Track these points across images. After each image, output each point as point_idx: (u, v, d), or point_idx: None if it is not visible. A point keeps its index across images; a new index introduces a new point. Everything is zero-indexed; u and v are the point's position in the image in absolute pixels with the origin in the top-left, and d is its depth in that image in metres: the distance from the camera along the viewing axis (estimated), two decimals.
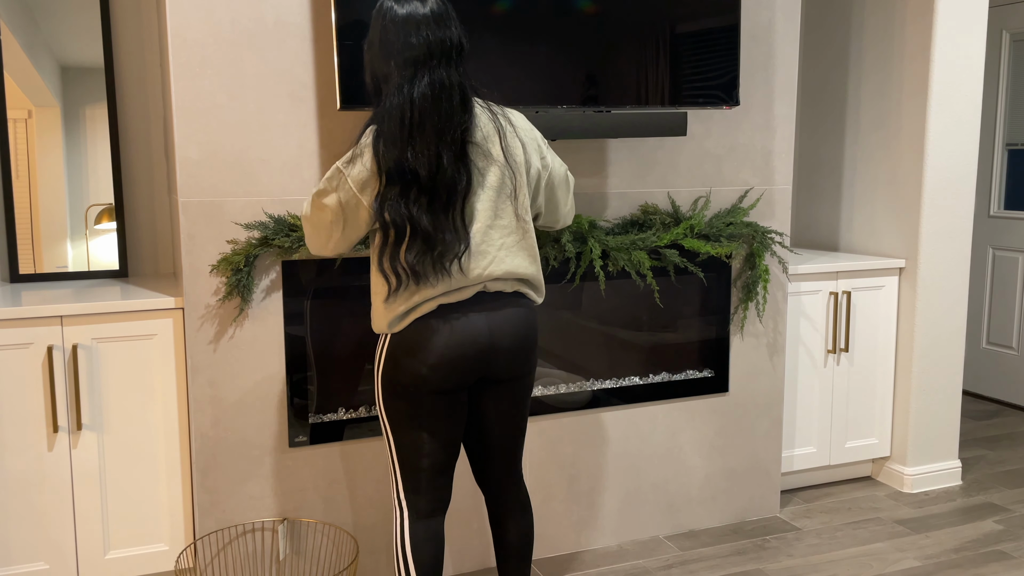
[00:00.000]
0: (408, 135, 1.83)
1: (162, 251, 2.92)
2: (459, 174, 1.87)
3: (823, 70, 3.66)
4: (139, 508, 2.45)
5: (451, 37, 1.88)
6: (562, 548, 2.88)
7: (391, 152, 1.83)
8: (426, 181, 1.84)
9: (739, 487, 3.11)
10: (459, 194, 1.88)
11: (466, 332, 1.93)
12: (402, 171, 1.84)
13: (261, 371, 2.46)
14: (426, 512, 2.04)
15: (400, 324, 1.94)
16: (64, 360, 2.33)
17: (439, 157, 1.84)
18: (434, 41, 1.86)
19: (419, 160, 1.83)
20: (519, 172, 1.97)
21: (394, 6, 1.89)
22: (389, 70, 1.87)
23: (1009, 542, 2.95)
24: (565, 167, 2.15)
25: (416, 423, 1.98)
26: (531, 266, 2.00)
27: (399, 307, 1.92)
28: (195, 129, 2.33)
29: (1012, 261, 4.41)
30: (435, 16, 1.88)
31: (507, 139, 1.95)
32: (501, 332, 1.97)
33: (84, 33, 2.74)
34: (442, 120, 1.84)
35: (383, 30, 1.89)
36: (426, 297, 1.91)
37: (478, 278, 1.93)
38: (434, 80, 1.84)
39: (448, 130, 1.85)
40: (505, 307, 1.99)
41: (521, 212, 1.98)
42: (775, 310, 3.06)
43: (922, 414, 3.38)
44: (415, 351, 1.92)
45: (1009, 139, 4.41)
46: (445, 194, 1.86)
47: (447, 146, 1.85)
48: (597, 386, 2.87)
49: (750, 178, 2.97)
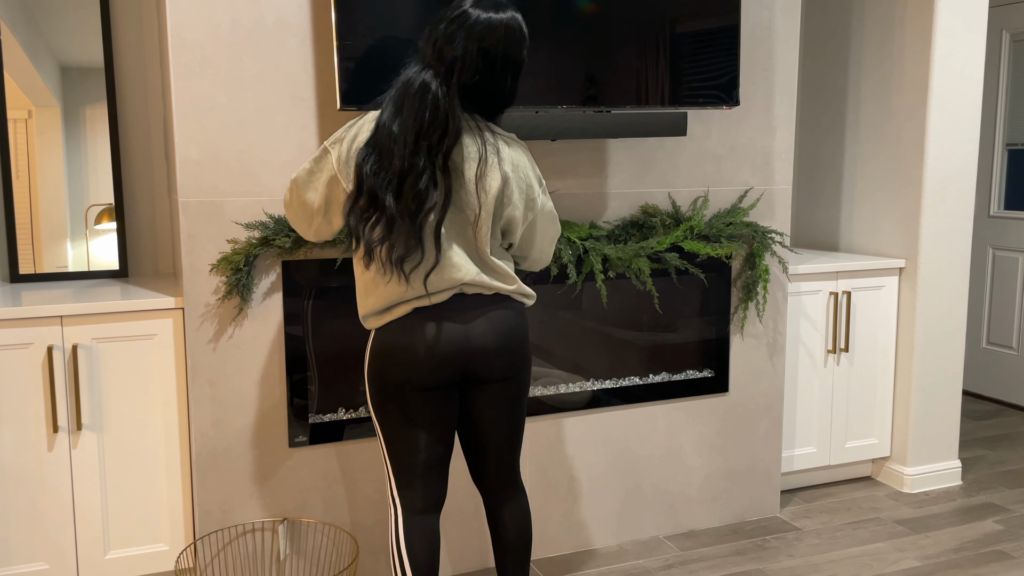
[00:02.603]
0: (402, 133, 1.85)
1: (162, 251, 2.92)
2: (433, 188, 1.86)
3: (823, 70, 3.66)
4: (139, 508, 2.45)
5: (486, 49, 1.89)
6: (562, 548, 2.88)
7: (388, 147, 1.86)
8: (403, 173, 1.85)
9: (739, 487, 3.11)
10: (426, 210, 1.86)
11: (441, 332, 1.94)
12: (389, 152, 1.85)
13: (261, 371, 2.46)
14: (420, 509, 2.04)
15: (379, 321, 1.96)
16: (64, 360, 2.33)
17: (415, 157, 1.85)
18: (458, 55, 1.86)
19: (404, 163, 1.84)
20: (485, 204, 1.92)
21: (473, 11, 1.88)
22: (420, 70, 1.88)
23: (1009, 542, 2.95)
24: (555, 213, 2.12)
25: (404, 420, 1.99)
26: (505, 285, 2.00)
27: (377, 301, 1.93)
28: (195, 129, 2.33)
29: (1012, 261, 4.41)
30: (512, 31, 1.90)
31: (484, 166, 1.91)
32: (480, 332, 1.97)
33: (84, 33, 2.74)
34: (421, 122, 1.84)
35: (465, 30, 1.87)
36: (400, 299, 1.92)
37: (451, 282, 1.93)
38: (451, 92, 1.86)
39: (428, 135, 1.84)
40: (485, 309, 1.98)
41: (480, 245, 1.95)
42: (775, 310, 3.06)
43: (922, 414, 3.38)
44: (396, 350, 1.94)
45: (1009, 139, 4.41)
46: (415, 205, 1.85)
47: (425, 153, 1.84)
48: (597, 386, 2.87)
49: (750, 178, 2.97)
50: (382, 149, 1.85)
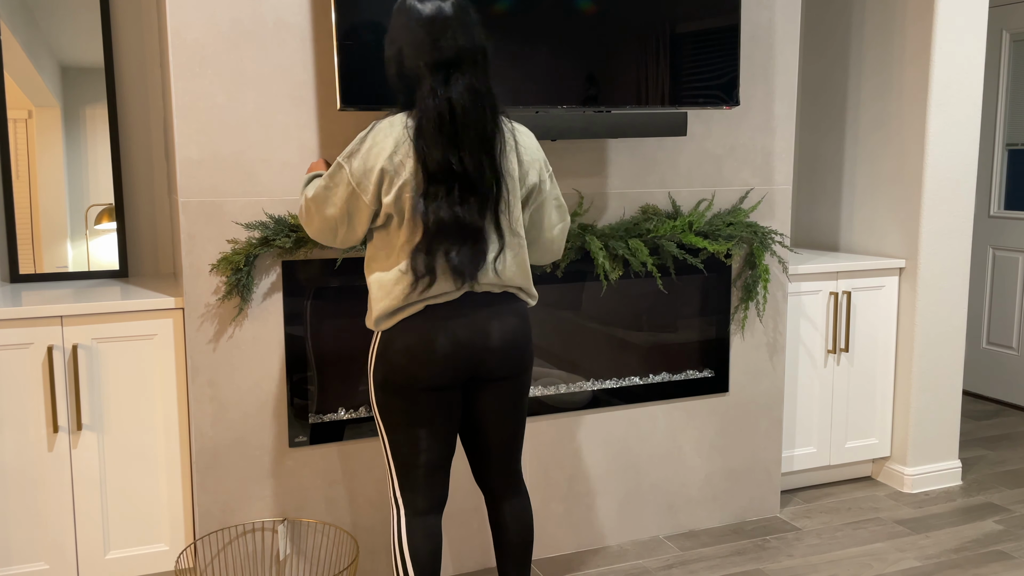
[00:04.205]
0: (450, 138, 1.86)
1: (162, 251, 2.92)
2: (497, 181, 1.92)
3: (823, 70, 3.66)
4: (139, 508, 2.45)
5: (478, 43, 1.90)
6: (562, 548, 2.88)
7: (434, 153, 1.86)
8: (468, 184, 1.88)
9: (739, 487, 3.11)
10: (492, 199, 1.92)
11: (453, 331, 1.95)
12: (449, 172, 1.86)
13: (261, 371, 2.46)
14: (423, 510, 2.04)
15: (389, 322, 1.95)
16: (64, 360, 2.33)
17: (481, 163, 1.88)
18: (464, 46, 1.88)
19: (466, 161, 1.87)
20: (513, 186, 1.98)
21: (417, 4, 1.89)
22: (421, 72, 1.88)
23: (1009, 542, 2.95)
24: (563, 201, 2.16)
25: (409, 421, 1.99)
26: (522, 280, 2.03)
27: (392, 303, 1.93)
28: (195, 129, 2.33)
29: (1012, 261, 4.41)
30: (459, 18, 1.89)
31: (507, 153, 1.97)
32: (489, 331, 1.98)
33: (84, 33, 2.74)
34: (480, 127, 1.88)
35: (409, 30, 1.89)
36: (416, 298, 1.92)
37: (490, 280, 1.97)
38: (470, 84, 1.87)
39: (486, 137, 1.89)
40: (493, 308, 1.99)
41: (515, 226, 1.99)
42: (775, 310, 3.06)
43: (922, 414, 3.38)
44: (404, 349, 1.94)
45: (1009, 139, 4.41)
46: (491, 200, 1.91)
47: (487, 153, 1.89)
48: (597, 386, 2.87)
49: (750, 178, 2.97)
50: (446, 147, 1.86)
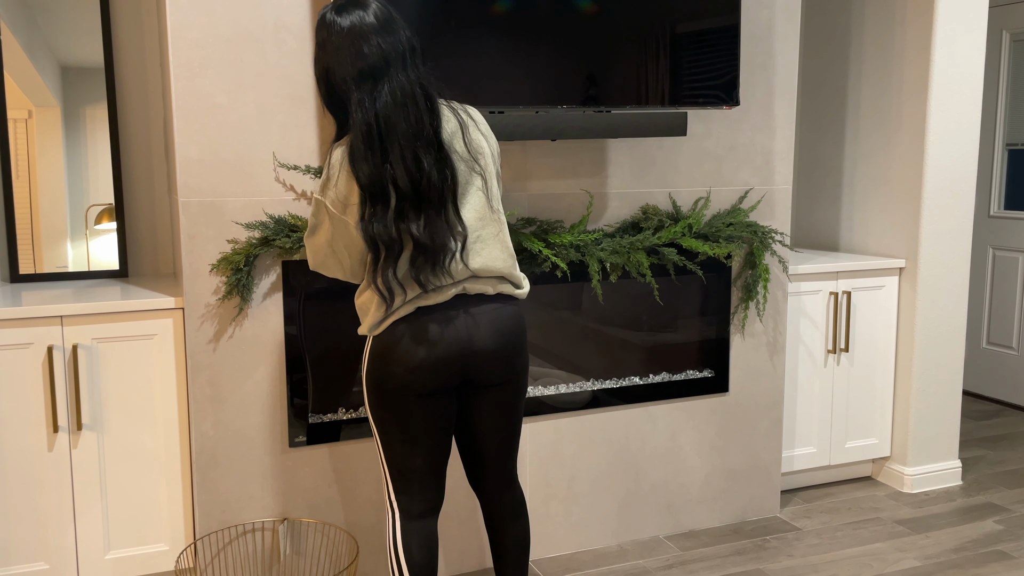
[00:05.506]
0: (380, 149, 1.82)
1: (162, 251, 2.92)
2: (443, 173, 1.86)
3: (823, 70, 3.66)
4: (139, 508, 2.45)
5: (402, 41, 1.87)
6: (562, 548, 2.88)
7: (364, 168, 1.82)
8: (409, 190, 1.83)
9: (739, 487, 3.11)
10: (448, 192, 1.88)
11: (443, 335, 1.92)
12: (382, 186, 1.83)
13: (261, 371, 2.46)
14: (418, 513, 2.04)
15: (379, 328, 1.94)
16: (64, 360, 2.33)
17: (418, 162, 1.83)
18: (387, 49, 1.84)
19: (397, 170, 1.82)
20: (487, 163, 1.96)
21: (337, 19, 1.86)
22: (347, 87, 1.85)
23: (1009, 542, 2.95)
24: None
25: (402, 425, 1.98)
26: (507, 259, 1.99)
27: (379, 313, 1.92)
28: (195, 129, 2.33)
29: (1012, 261, 4.41)
30: (381, 23, 1.86)
31: (469, 133, 1.94)
32: (481, 335, 1.95)
33: (84, 33, 2.74)
34: (412, 125, 1.83)
35: (332, 45, 1.86)
36: (403, 300, 1.91)
37: (461, 273, 1.93)
38: (394, 88, 1.83)
39: (421, 133, 1.84)
40: (486, 310, 1.97)
41: (494, 204, 1.97)
42: (775, 310, 3.06)
43: (922, 414, 3.38)
44: (394, 355, 1.92)
45: (1009, 139, 4.41)
46: (436, 196, 1.86)
47: (424, 149, 1.84)
48: (597, 386, 2.87)
49: (750, 178, 2.97)
50: (376, 159, 1.83)
